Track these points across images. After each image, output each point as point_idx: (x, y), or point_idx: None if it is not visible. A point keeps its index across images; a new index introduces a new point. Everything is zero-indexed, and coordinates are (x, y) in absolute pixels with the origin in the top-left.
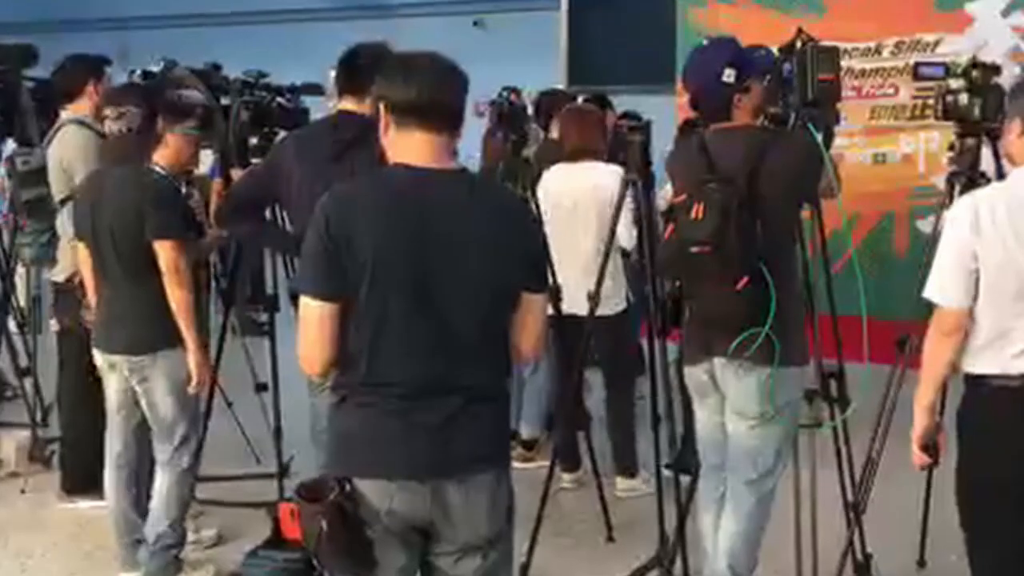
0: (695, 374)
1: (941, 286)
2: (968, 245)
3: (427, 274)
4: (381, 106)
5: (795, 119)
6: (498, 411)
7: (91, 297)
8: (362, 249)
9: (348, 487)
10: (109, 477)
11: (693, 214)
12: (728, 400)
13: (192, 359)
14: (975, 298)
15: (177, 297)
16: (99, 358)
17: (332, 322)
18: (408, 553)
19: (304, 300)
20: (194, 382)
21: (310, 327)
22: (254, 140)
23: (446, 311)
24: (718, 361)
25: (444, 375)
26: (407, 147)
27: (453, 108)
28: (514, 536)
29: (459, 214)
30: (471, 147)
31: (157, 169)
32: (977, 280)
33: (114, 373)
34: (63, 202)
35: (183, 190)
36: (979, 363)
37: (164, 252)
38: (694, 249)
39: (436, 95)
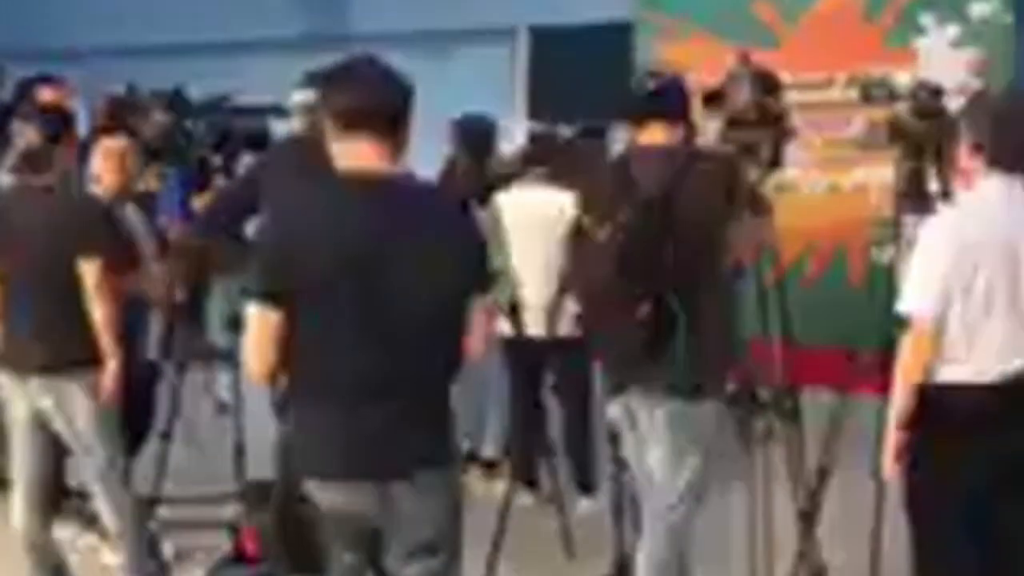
0: (613, 409)
1: (915, 298)
2: (941, 258)
3: (371, 279)
4: (324, 113)
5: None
6: (442, 413)
7: None
8: (307, 256)
9: (295, 489)
10: (19, 504)
11: (600, 236)
12: (641, 431)
13: (108, 372)
14: (948, 309)
15: (104, 312)
16: (1, 379)
17: (277, 328)
18: (356, 554)
19: (251, 306)
20: (104, 395)
21: (256, 334)
22: (216, 161)
23: (390, 315)
24: (633, 394)
25: (388, 378)
26: (350, 153)
27: (392, 113)
28: (462, 540)
29: (401, 219)
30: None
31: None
32: (949, 292)
33: (19, 395)
34: None
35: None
36: (947, 372)
37: (91, 270)
38: (596, 273)
39: (375, 100)
